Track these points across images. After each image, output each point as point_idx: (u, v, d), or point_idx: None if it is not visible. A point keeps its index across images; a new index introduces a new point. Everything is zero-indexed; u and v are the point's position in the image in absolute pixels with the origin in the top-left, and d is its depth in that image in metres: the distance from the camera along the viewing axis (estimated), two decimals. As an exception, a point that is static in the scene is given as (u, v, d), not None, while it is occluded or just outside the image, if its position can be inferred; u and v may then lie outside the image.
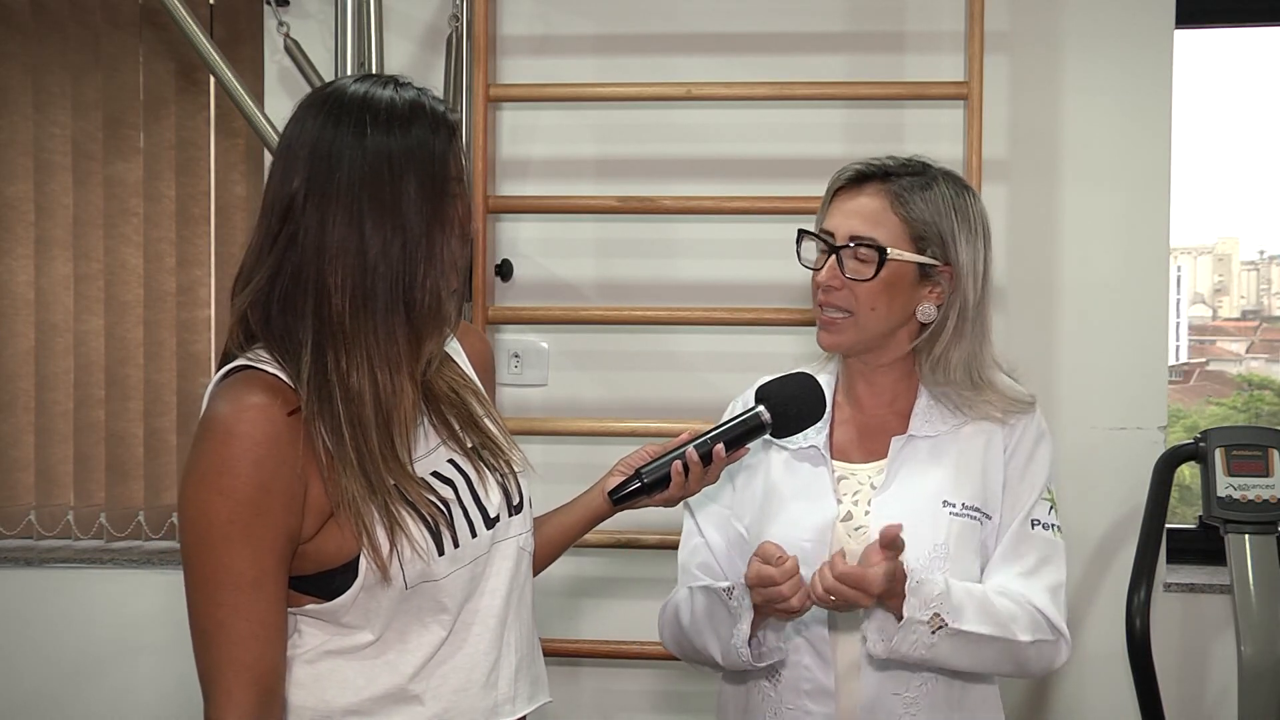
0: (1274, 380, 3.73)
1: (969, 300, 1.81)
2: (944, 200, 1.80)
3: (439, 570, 1.51)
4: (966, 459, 1.82)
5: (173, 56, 3.36)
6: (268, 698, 1.45)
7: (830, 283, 1.80)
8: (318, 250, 1.46)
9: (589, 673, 3.13)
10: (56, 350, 3.42)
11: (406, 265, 1.48)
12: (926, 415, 1.84)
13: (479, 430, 1.62)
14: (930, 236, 1.79)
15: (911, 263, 1.79)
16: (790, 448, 1.86)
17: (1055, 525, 1.82)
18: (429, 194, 1.49)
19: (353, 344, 1.47)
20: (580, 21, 3.10)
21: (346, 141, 1.47)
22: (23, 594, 3.35)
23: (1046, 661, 1.78)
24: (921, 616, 1.65)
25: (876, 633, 1.69)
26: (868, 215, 1.80)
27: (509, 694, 1.60)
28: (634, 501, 1.78)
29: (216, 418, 1.45)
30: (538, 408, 3.10)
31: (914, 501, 1.78)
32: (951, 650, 1.69)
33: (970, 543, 1.78)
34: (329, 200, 1.46)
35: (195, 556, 1.44)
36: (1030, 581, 1.77)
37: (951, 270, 1.80)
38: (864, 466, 1.84)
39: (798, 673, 1.79)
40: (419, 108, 1.51)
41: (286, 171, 1.49)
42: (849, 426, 1.88)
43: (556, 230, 3.12)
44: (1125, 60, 2.99)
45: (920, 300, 1.81)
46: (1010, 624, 1.72)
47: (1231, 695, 2.80)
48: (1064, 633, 1.78)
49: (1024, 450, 1.83)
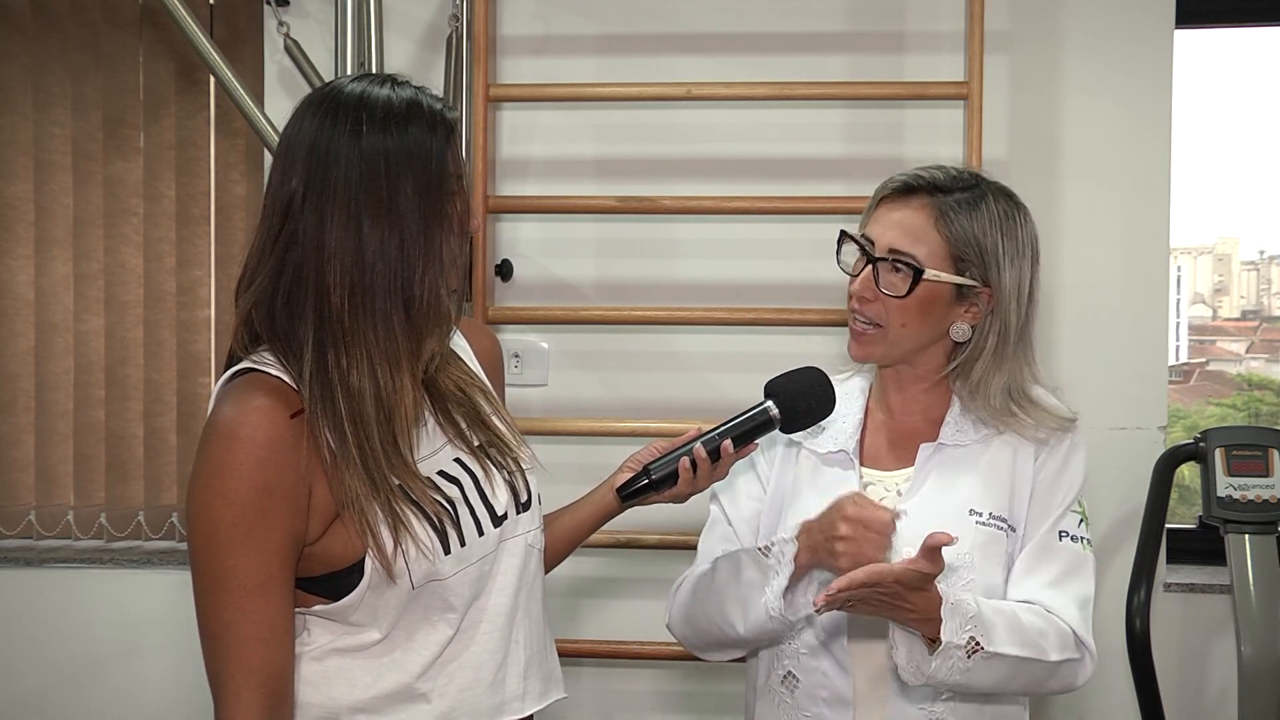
0: (1274, 380, 3.73)
1: (1010, 323, 1.76)
2: (990, 220, 1.75)
3: (445, 569, 1.50)
4: (995, 469, 1.77)
5: (173, 56, 3.36)
6: (276, 700, 1.45)
7: (864, 294, 1.76)
8: (317, 249, 1.46)
9: (589, 673, 3.13)
10: (56, 350, 3.42)
11: (404, 263, 1.48)
12: (958, 424, 1.79)
13: (486, 428, 1.62)
14: (970, 257, 1.74)
15: (948, 283, 1.74)
16: (820, 451, 1.83)
17: (1084, 539, 1.76)
18: (426, 192, 1.49)
19: (353, 342, 1.47)
20: (580, 21, 3.10)
21: (343, 141, 1.47)
22: (23, 594, 3.35)
23: (1069, 680, 1.72)
24: (959, 640, 1.59)
25: (907, 658, 1.63)
26: (909, 229, 1.75)
27: (518, 691, 1.60)
28: (642, 498, 1.77)
29: (220, 421, 1.45)
30: (538, 408, 3.10)
31: (940, 510, 1.73)
32: (984, 673, 1.63)
33: (995, 554, 1.74)
34: (327, 199, 1.46)
35: (201, 560, 1.44)
36: (1056, 594, 1.72)
37: (990, 292, 1.75)
38: (892, 473, 1.81)
39: (815, 679, 1.76)
40: (416, 106, 1.51)
41: (285, 171, 1.49)
42: (880, 433, 1.85)
43: (556, 230, 3.12)
44: (1125, 60, 2.99)
45: (955, 319, 1.77)
46: (1040, 642, 1.67)
47: (1231, 695, 2.81)
48: (1091, 649, 1.72)
49: (1056, 460, 1.78)
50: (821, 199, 2.84)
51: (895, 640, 1.63)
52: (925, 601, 1.58)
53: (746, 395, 1.94)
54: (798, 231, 2.96)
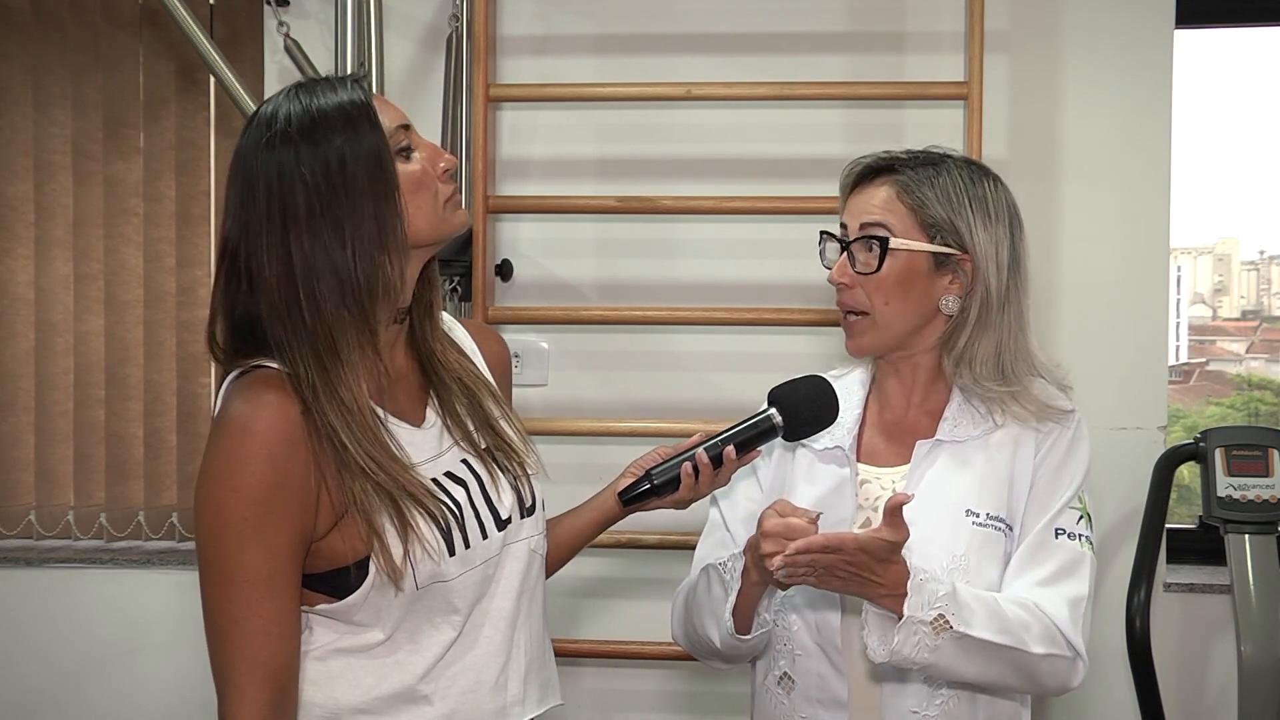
0: (1274, 380, 3.73)
1: (991, 288, 1.73)
2: (955, 186, 1.74)
3: (450, 571, 1.51)
4: (994, 466, 1.74)
5: (173, 56, 3.36)
6: (281, 695, 1.45)
7: (841, 280, 1.75)
8: (260, 275, 1.47)
9: (589, 673, 3.13)
10: (56, 350, 3.42)
11: (334, 260, 1.46)
12: (957, 419, 1.76)
13: (494, 432, 1.62)
14: (941, 223, 1.72)
15: (923, 252, 1.72)
16: (816, 447, 1.81)
17: (1083, 536, 1.72)
18: (333, 194, 1.47)
19: (308, 350, 1.47)
20: (580, 21, 3.10)
21: (257, 162, 1.48)
22: (23, 594, 3.35)
23: (1061, 679, 1.67)
24: (924, 616, 1.55)
25: (876, 636, 1.59)
26: (875, 206, 1.74)
27: (519, 696, 1.60)
28: (644, 503, 1.76)
29: (232, 416, 1.46)
30: (538, 408, 3.10)
31: (935, 509, 1.70)
32: (956, 656, 1.59)
33: (992, 555, 1.70)
34: (255, 229, 1.47)
35: (209, 553, 1.44)
36: (1047, 591, 1.67)
37: (971, 259, 1.73)
38: (888, 470, 1.79)
39: (810, 680, 1.74)
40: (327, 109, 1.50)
41: (224, 209, 1.52)
42: (878, 428, 1.82)
43: (556, 230, 3.12)
44: (1125, 60, 2.99)
45: (940, 292, 1.74)
46: (1021, 632, 1.62)
47: (1231, 695, 2.81)
48: (1080, 651, 1.67)
49: (1057, 455, 1.75)
50: (822, 199, 2.82)
51: (867, 620, 1.60)
52: (895, 575, 1.55)
53: (746, 395, 1.94)
54: (798, 231, 2.95)
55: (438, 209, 1.54)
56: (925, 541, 1.62)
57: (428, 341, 1.61)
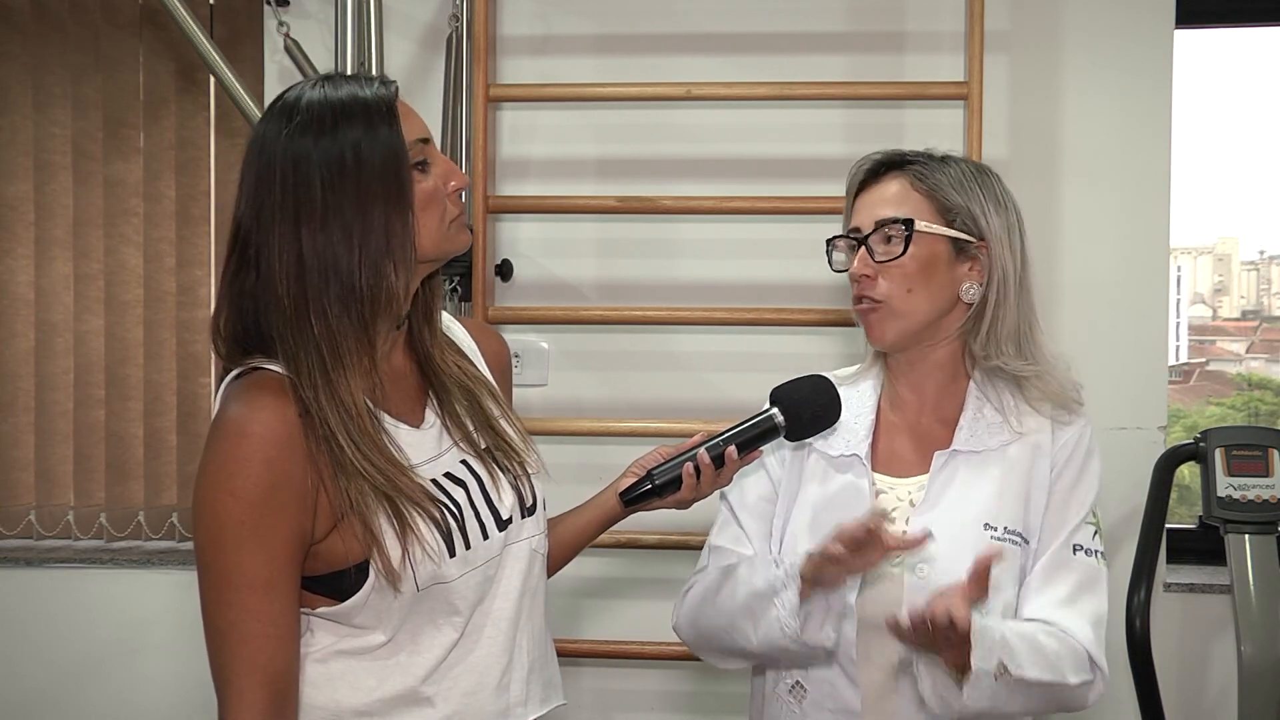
0: (1274, 380, 3.73)
1: (1008, 271, 1.75)
2: (963, 174, 1.76)
3: (450, 572, 1.50)
4: (1011, 479, 1.74)
5: (173, 56, 3.36)
6: (281, 699, 1.45)
7: (863, 272, 1.74)
8: (267, 267, 1.47)
9: (590, 673, 3.13)
10: (56, 350, 3.42)
11: (340, 259, 1.46)
12: (972, 428, 1.76)
13: (493, 431, 1.62)
14: (957, 208, 1.74)
15: (943, 237, 1.73)
16: (831, 453, 1.80)
17: (1098, 552, 1.74)
18: (346, 190, 1.46)
19: (309, 349, 1.46)
20: (580, 21, 3.10)
21: (276, 149, 1.47)
22: (23, 594, 3.35)
23: (1081, 702, 1.70)
24: (988, 666, 1.55)
25: (932, 689, 1.59)
26: (891, 198, 1.75)
27: (521, 697, 1.60)
28: (645, 503, 1.76)
29: (229, 418, 1.46)
30: (538, 408, 3.10)
31: (954, 524, 1.70)
32: (1008, 698, 1.60)
33: (1009, 569, 1.69)
34: (268, 216, 1.47)
35: (208, 557, 1.44)
36: (1069, 612, 1.69)
37: (987, 245, 1.75)
38: (905, 481, 1.78)
39: (823, 690, 1.74)
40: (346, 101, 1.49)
41: (238, 195, 1.50)
42: (893, 435, 1.81)
43: (556, 230, 3.12)
44: (1125, 60, 2.99)
45: (961, 280, 1.75)
46: (1060, 665, 1.64)
47: (1231, 695, 2.81)
48: (1104, 670, 1.70)
49: (1072, 469, 1.76)
50: (822, 199, 2.84)
51: (919, 671, 1.60)
52: (953, 629, 1.53)
53: (746, 395, 1.94)
54: (798, 231, 2.96)
55: (443, 228, 1.54)
56: (945, 556, 1.62)
57: (426, 346, 1.61)
